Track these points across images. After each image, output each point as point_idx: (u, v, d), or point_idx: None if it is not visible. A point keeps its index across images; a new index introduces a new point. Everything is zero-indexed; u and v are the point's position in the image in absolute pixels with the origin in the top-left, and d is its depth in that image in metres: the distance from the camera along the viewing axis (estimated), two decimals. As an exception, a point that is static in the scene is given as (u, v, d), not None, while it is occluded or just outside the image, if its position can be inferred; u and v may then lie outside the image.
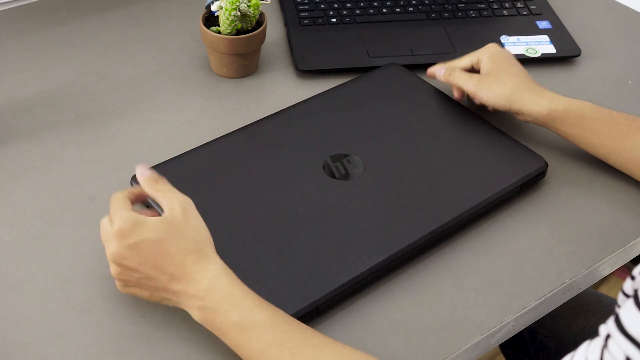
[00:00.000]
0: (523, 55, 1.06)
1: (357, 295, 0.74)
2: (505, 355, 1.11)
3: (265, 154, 0.85)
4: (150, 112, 0.95)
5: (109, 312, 0.72)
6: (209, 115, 0.96)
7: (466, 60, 0.93)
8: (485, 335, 0.73)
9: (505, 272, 0.78)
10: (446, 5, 1.14)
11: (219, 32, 0.97)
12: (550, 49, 1.07)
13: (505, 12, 1.14)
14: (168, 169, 0.82)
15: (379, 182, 0.82)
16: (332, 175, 0.82)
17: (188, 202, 0.69)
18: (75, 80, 1.00)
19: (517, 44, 1.08)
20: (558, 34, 1.10)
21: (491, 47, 0.92)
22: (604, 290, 1.73)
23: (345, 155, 0.84)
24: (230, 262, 0.72)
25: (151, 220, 0.67)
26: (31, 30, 1.08)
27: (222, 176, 0.82)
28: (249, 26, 0.98)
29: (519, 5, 1.15)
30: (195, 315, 0.67)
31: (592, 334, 0.67)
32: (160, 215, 0.77)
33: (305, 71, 1.02)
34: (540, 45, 1.08)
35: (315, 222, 0.77)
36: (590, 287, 0.85)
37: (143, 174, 0.70)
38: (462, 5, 1.14)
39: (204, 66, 1.03)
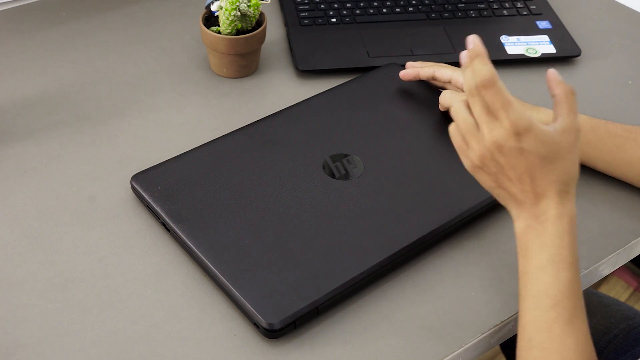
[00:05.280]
0: (523, 55, 1.06)
1: (357, 295, 0.74)
2: (506, 355, 1.11)
3: (265, 153, 0.85)
4: (150, 112, 0.95)
5: (109, 312, 0.72)
6: (209, 115, 0.96)
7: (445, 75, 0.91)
8: (485, 334, 0.73)
9: (505, 272, 0.78)
10: (446, 5, 1.14)
11: (219, 32, 0.97)
12: (550, 49, 1.07)
13: (505, 12, 1.14)
14: (168, 169, 0.82)
15: (379, 182, 0.82)
16: (332, 175, 0.82)
17: (578, 133, 0.67)
18: (75, 80, 1.00)
19: (517, 44, 1.08)
20: (558, 34, 1.10)
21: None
22: (604, 290, 1.73)
23: (345, 155, 0.84)
24: (229, 262, 0.72)
25: (542, 134, 0.64)
26: (31, 30, 1.08)
27: (221, 176, 0.82)
28: (249, 26, 0.98)
29: (519, 5, 1.15)
30: (518, 225, 0.68)
31: (592, 334, 0.67)
32: (157, 218, 0.78)
33: (305, 71, 1.02)
34: (540, 45, 1.08)
35: (315, 222, 0.77)
36: (590, 287, 0.85)
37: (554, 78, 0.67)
38: (462, 5, 1.14)
39: (204, 66, 1.03)
